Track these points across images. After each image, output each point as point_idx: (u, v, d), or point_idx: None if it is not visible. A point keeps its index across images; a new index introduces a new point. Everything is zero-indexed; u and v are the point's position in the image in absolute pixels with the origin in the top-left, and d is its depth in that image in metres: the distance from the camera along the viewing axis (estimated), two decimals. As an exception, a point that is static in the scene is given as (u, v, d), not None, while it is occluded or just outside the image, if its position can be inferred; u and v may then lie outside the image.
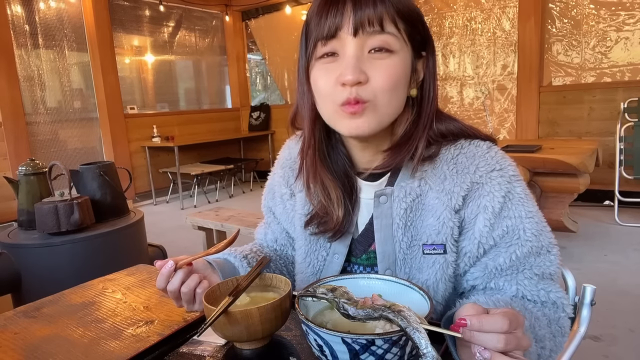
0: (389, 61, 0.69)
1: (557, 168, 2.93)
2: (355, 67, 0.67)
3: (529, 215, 0.73)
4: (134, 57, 5.75)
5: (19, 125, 4.51)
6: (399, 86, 0.70)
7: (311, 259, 0.86)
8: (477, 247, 0.74)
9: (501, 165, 0.75)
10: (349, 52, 0.68)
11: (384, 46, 0.68)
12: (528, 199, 0.74)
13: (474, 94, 5.01)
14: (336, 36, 0.69)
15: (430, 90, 0.76)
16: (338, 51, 0.70)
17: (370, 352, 0.52)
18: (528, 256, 0.73)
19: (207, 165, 5.70)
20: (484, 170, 0.74)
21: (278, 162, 0.96)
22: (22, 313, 0.91)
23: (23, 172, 2.11)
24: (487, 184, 0.73)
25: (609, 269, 2.88)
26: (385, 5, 0.67)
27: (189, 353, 0.69)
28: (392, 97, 0.70)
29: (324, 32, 0.69)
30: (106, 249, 2.02)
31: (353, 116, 0.69)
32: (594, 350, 2.02)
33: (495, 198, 0.72)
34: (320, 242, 0.85)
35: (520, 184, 0.75)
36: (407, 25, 0.70)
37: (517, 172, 0.76)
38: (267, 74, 6.88)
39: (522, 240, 0.72)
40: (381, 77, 0.68)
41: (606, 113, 4.25)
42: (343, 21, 0.68)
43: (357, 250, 0.83)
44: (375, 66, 0.68)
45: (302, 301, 0.62)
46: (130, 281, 1.06)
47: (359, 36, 0.68)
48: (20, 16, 4.60)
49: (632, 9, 4.08)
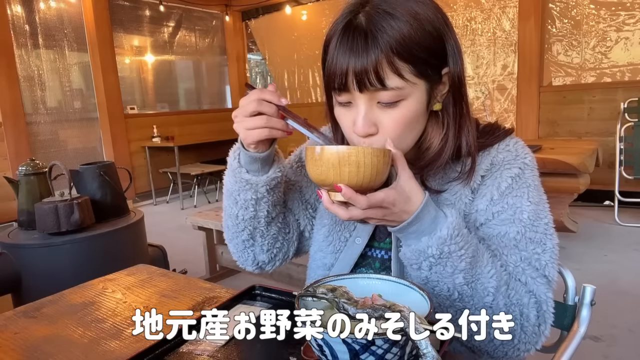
0: (397, 110, 0.69)
1: (557, 168, 2.93)
2: (365, 123, 0.69)
3: (531, 200, 0.74)
4: (134, 57, 5.76)
5: (19, 125, 4.51)
6: (412, 125, 0.72)
7: (333, 238, 0.86)
8: (475, 218, 0.76)
9: (518, 152, 0.77)
10: (359, 106, 0.70)
11: (390, 100, 0.68)
12: (536, 188, 0.76)
13: (474, 94, 5.01)
14: (347, 90, 0.69)
15: (457, 96, 0.74)
16: (351, 100, 0.71)
17: (370, 352, 0.52)
18: (520, 239, 0.73)
19: (207, 165, 5.70)
20: (502, 156, 0.77)
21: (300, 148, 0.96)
22: (22, 313, 0.91)
23: (23, 172, 2.11)
24: (503, 166, 0.76)
25: (609, 269, 2.88)
26: (380, 48, 0.64)
27: (189, 353, 0.69)
28: (406, 135, 0.72)
29: (336, 85, 0.69)
30: (106, 249, 2.02)
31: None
32: (594, 350, 2.02)
33: (503, 178, 0.75)
34: (345, 222, 0.85)
35: (533, 173, 0.77)
36: (412, 64, 0.67)
37: (533, 162, 0.78)
38: (267, 74, 6.88)
39: (517, 219, 0.73)
40: (391, 126, 0.70)
41: (606, 113, 4.25)
42: (348, 78, 0.67)
43: (382, 233, 0.84)
44: (385, 116, 0.69)
45: (302, 301, 0.62)
46: (130, 281, 1.06)
47: (365, 92, 0.68)
48: (20, 16, 4.60)
49: (632, 9, 4.08)
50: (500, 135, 0.79)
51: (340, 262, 0.85)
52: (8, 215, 4.09)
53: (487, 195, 0.75)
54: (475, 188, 0.77)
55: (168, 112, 6.10)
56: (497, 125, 0.82)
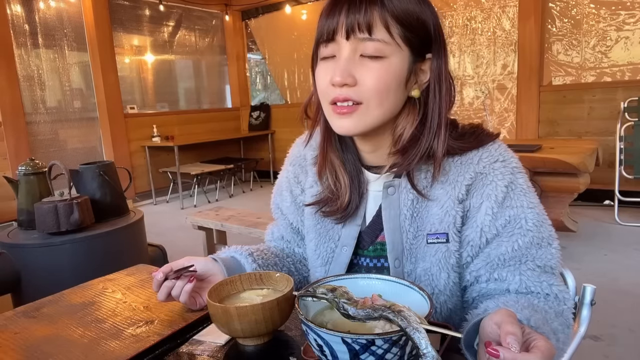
0: (378, 65, 0.71)
1: (557, 168, 2.93)
2: (344, 70, 0.71)
3: (530, 205, 0.75)
4: (134, 57, 5.75)
5: (19, 125, 4.51)
6: (390, 89, 0.72)
7: (320, 251, 0.88)
8: (479, 235, 0.75)
9: (504, 157, 0.77)
10: (342, 55, 0.72)
11: (373, 53, 0.70)
12: (530, 191, 0.76)
13: (474, 93, 5.01)
14: (334, 39, 0.72)
15: (436, 92, 0.76)
16: (336, 53, 0.73)
17: (370, 352, 0.52)
18: (530, 247, 0.74)
19: (207, 165, 5.70)
20: (487, 161, 0.76)
21: (288, 159, 0.99)
22: (22, 313, 0.91)
23: (23, 171, 2.11)
24: (490, 174, 0.75)
25: (609, 269, 2.88)
26: (380, 9, 0.69)
27: (189, 353, 0.69)
28: (382, 99, 0.72)
29: (324, 35, 0.73)
30: (106, 249, 2.01)
31: (342, 116, 0.74)
32: (594, 350, 2.02)
33: (498, 187, 0.75)
34: (329, 234, 0.87)
35: (523, 176, 0.77)
36: (403, 29, 0.71)
37: (519, 164, 0.78)
38: (267, 73, 6.88)
39: (523, 229, 0.74)
40: (369, 80, 0.71)
41: (606, 112, 4.25)
42: (337, 25, 0.71)
43: (365, 241, 0.84)
44: (365, 69, 0.71)
45: (302, 301, 0.62)
46: (130, 281, 1.06)
47: (351, 40, 0.71)
48: (20, 16, 4.60)
49: (632, 9, 4.08)
50: (483, 139, 0.78)
51: (330, 274, 0.86)
52: (8, 215, 4.09)
53: (483, 210, 0.75)
54: (461, 198, 0.76)
55: (168, 111, 6.10)
56: (481, 128, 0.81)
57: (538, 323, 0.63)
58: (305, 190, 0.92)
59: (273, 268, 0.92)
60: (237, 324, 0.66)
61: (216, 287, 0.73)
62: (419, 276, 0.78)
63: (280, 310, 0.67)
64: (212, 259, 0.89)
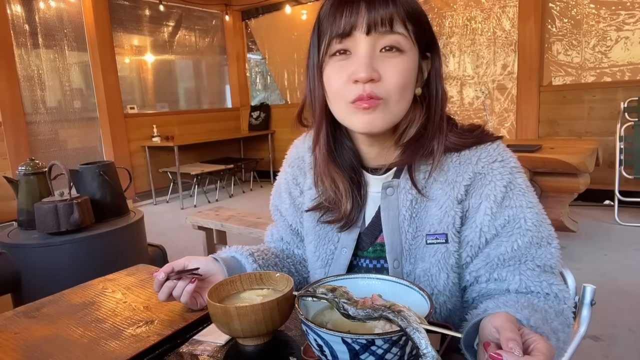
0: (399, 60, 0.71)
1: (557, 168, 2.93)
2: (369, 65, 0.69)
3: (529, 205, 0.75)
4: (134, 57, 5.75)
5: (19, 125, 4.51)
6: (408, 85, 0.73)
7: (320, 253, 0.88)
8: (479, 235, 0.75)
9: (503, 157, 0.77)
10: (362, 51, 0.70)
11: (394, 45, 0.70)
12: (529, 191, 0.76)
13: (474, 93, 5.01)
14: (350, 35, 0.71)
15: (437, 90, 0.78)
16: (351, 49, 0.72)
17: (370, 352, 0.52)
18: (529, 247, 0.74)
19: (207, 165, 5.70)
20: (485, 161, 0.76)
21: (286, 161, 0.98)
22: (22, 313, 0.91)
23: (23, 171, 2.11)
24: (489, 173, 0.75)
25: (609, 269, 2.88)
26: (397, 6, 0.70)
27: (189, 353, 0.69)
28: (402, 95, 0.72)
29: (339, 30, 0.71)
30: (106, 249, 2.01)
31: (366, 111, 0.71)
32: (594, 350, 2.02)
33: (497, 187, 0.75)
34: (328, 236, 0.87)
35: (521, 176, 0.77)
36: (415, 27, 0.72)
37: (518, 164, 0.78)
38: (267, 73, 6.88)
39: (523, 229, 0.74)
40: (393, 75, 0.70)
41: (606, 113, 4.25)
42: (357, 20, 0.70)
43: (364, 243, 0.84)
44: (387, 64, 0.70)
45: (302, 301, 0.62)
46: (130, 281, 1.06)
47: (371, 35, 0.70)
48: (20, 16, 4.60)
49: (632, 9, 4.08)
50: (483, 137, 0.79)
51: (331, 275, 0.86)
52: (8, 215, 4.09)
53: (482, 210, 0.75)
54: (460, 199, 0.76)
55: (168, 111, 6.10)
56: (482, 128, 0.81)
57: (538, 323, 0.63)
58: (304, 192, 0.91)
59: (273, 268, 0.92)
60: (237, 324, 0.66)
61: (216, 287, 0.73)
62: (418, 277, 0.78)
63: (280, 310, 0.67)
64: (212, 259, 0.89)
